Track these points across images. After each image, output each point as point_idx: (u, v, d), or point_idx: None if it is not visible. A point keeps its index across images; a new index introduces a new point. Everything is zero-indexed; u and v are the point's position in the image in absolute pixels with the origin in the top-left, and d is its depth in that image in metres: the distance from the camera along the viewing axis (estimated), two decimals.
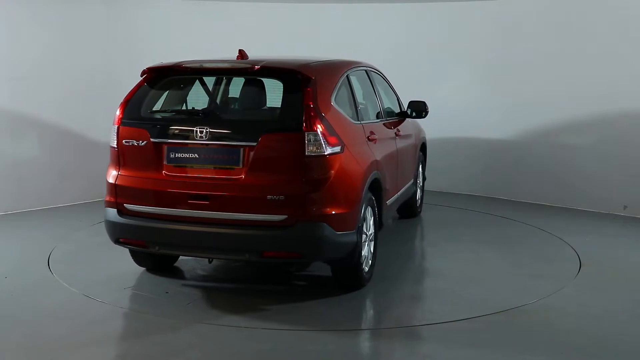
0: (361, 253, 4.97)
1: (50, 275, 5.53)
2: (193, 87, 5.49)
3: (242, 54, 5.19)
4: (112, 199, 4.95)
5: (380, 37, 9.18)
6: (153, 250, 4.91)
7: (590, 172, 8.14)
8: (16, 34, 7.64)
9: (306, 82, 4.76)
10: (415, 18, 9.15)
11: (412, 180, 7.03)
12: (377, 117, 6.04)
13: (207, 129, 4.66)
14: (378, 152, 5.43)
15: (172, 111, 5.12)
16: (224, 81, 5.63)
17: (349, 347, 4.31)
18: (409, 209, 7.49)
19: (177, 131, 4.80)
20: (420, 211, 7.77)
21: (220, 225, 4.63)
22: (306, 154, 4.55)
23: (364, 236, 5.05)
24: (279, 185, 4.55)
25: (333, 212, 4.63)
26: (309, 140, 4.54)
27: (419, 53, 9.13)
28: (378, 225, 5.45)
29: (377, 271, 5.72)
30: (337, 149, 4.71)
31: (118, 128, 4.95)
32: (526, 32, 8.58)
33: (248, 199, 4.57)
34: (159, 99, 5.16)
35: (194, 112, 5.05)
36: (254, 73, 4.90)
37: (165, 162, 4.79)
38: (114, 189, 4.93)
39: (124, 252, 5.98)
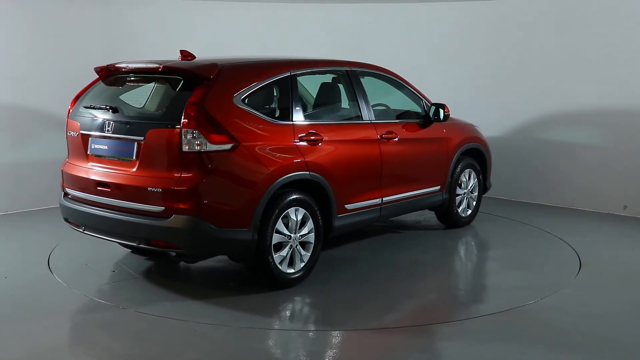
0: (269, 252, 4.99)
1: (50, 275, 5.53)
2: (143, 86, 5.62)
3: (183, 54, 5.47)
4: (61, 184, 5.60)
5: (380, 37, 9.19)
6: (82, 231, 5.37)
7: (590, 172, 8.14)
8: (15, 34, 7.64)
9: (201, 81, 4.92)
10: (415, 18, 9.16)
11: (433, 188, 6.73)
12: (353, 119, 5.94)
13: (112, 123, 5.10)
14: (320, 153, 5.40)
15: (96, 107, 5.36)
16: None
17: (350, 346, 4.31)
18: (446, 218, 7.13)
19: (95, 125, 5.25)
20: (468, 222, 7.27)
21: (119, 212, 5.02)
22: (183, 149, 4.72)
23: (278, 236, 5.06)
24: (159, 178, 4.83)
25: (212, 208, 4.78)
26: (186, 137, 4.71)
27: (419, 53, 9.13)
28: (324, 228, 5.44)
29: (380, 272, 5.73)
30: (225, 146, 4.80)
31: (67, 120, 5.56)
32: (526, 32, 8.58)
33: (137, 190, 4.92)
34: (99, 95, 5.50)
35: (107, 107, 5.26)
36: (160, 73, 5.17)
37: (88, 152, 5.32)
38: (62, 174, 5.57)
39: (124, 251, 6.00)
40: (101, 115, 5.23)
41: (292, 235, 5.17)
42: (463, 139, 7.12)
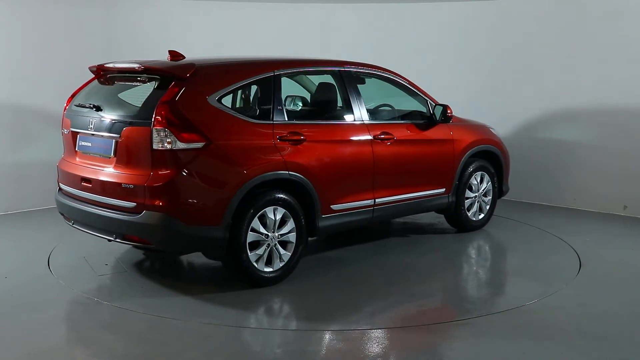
0: (243, 250, 5.02)
1: (50, 274, 5.54)
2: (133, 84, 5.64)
3: (171, 55, 5.55)
4: (57, 180, 5.75)
5: (381, 37, 9.19)
6: (71, 225, 5.52)
7: (590, 172, 8.14)
8: (15, 34, 7.64)
9: (175, 80, 5.00)
10: (415, 18, 9.16)
11: (437, 190, 6.59)
12: (344, 120, 5.89)
13: (95, 121, 5.24)
14: (302, 153, 5.37)
15: (84, 105, 5.47)
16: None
17: (349, 346, 4.30)
18: (455, 222, 6.98)
19: (82, 122, 5.40)
20: (480, 226, 7.08)
21: (99, 207, 5.16)
22: (153, 147, 4.82)
23: (254, 235, 5.08)
24: (132, 175, 4.96)
25: (182, 206, 4.86)
26: (157, 135, 4.81)
27: (419, 53, 9.13)
28: (308, 228, 5.42)
29: (380, 273, 5.73)
30: (196, 145, 4.86)
31: (62, 118, 5.71)
32: (526, 32, 8.59)
33: (113, 186, 5.05)
34: (91, 94, 5.61)
35: (91, 106, 5.36)
36: (141, 72, 5.26)
37: (76, 149, 5.48)
38: (57, 170, 5.74)
39: (124, 249, 6.00)
40: (87, 114, 5.37)
41: (269, 234, 5.17)
42: (473, 140, 6.91)
